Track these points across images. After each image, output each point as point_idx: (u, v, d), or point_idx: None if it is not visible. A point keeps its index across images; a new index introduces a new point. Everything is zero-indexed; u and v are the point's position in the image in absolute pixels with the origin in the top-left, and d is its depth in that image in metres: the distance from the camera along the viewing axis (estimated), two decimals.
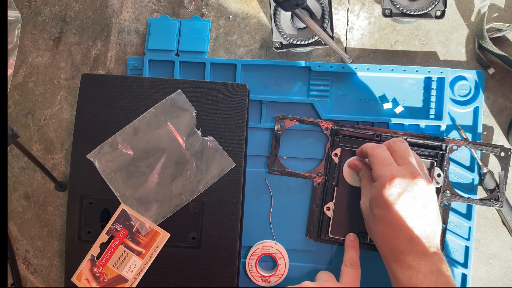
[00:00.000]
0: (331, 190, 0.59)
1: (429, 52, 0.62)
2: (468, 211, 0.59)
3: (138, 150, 0.56)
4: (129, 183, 0.55)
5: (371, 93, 0.61)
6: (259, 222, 0.61)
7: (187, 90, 0.56)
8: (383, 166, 0.49)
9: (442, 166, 0.57)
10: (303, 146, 0.61)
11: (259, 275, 0.59)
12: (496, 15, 0.62)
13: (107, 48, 0.65)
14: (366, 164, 0.54)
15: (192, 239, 0.56)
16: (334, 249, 0.60)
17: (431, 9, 0.57)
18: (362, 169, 0.55)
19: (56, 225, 0.64)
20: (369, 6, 0.63)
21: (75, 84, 0.64)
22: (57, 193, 0.64)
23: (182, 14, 0.64)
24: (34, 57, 0.65)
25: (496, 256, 0.60)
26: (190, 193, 0.55)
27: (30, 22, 0.66)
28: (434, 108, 0.60)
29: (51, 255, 0.64)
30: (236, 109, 0.56)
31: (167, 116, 0.56)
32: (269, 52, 0.63)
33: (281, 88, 0.62)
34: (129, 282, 0.55)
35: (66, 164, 0.64)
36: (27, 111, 0.65)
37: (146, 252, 0.55)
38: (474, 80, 0.60)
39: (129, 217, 0.55)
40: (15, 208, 0.64)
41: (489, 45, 0.58)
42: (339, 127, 0.59)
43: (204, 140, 0.56)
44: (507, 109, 0.61)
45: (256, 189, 0.61)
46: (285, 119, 0.60)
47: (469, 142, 0.57)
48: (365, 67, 0.60)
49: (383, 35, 0.63)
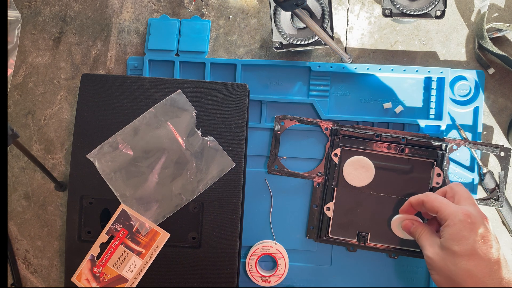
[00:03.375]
0: (331, 190, 0.59)
1: (429, 52, 0.62)
2: None
3: (138, 150, 0.56)
4: (129, 183, 0.55)
5: (371, 93, 0.61)
6: (259, 222, 0.61)
7: (187, 90, 0.56)
8: (449, 205, 0.48)
9: (442, 166, 0.57)
10: (303, 146, 0.61)
11: (259, 275, 0.59)
12: (496, 15, 0.62)
13: (107, 48, 0.65)
14: (420, 222, 0.53)
15: (192, 239, 0.56)
16: (334, 249, 0.60)
17: (431, 9, 0.57)
18: (418, 226, 0.52)
19: (56, 225, 0.64)
20: (369, 6, 0.63)
21: (75, 84, 0.64)
22: (57, 193, 0.64)
23: (182, 14, 0.64)
24: (34, 57, 0.65)
25: None
26: (190, 193, 0.55)
27: (30, 22, 0.66)
28: (434, 108, 0.60)
29: (51, 255, 0.64)
30: (236, 109, 0.56)
31: (167, 116, 0.56)
32: (269, 52, 0.63)
33: (281, 88, 0.62)
34: (129, 282, 0.55)
35: (66, 164, 0.64)
36: (27, 111, 0.65)
37: (146, 252, 0.55)
38: (474, 80, 0.60)
39: (129, 217, 0.55)
40: (15, 208, 0.64)
41: (489, 45, 0.58)
42: (339, 127, 0.59)
43: (204, 140, 0.56)
44: (507, 109, 0.61)
45: (256, 189, 0.61)
46: (285, 119, 0.60)
47: (469, 142, 0.57)
48: (365, 67, 0.60)
49: (383, 35, 0.63)
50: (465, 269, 0.45)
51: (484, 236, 0.45)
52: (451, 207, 0.48)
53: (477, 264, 0.45)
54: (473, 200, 0.49)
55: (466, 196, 0.49)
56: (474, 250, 0.45)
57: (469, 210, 0.47)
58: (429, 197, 0.50)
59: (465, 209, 0.47)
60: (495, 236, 0.46)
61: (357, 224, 0.58)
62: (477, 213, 0.47)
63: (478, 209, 0.48)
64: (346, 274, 0.60)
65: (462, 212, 0.46)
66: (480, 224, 0.46)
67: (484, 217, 0.47)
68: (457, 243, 0.46)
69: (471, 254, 0.45)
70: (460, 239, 0.46)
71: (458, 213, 0.47)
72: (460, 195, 0.50)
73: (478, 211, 0.47)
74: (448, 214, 0.47)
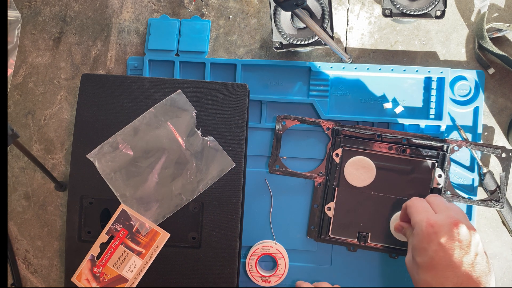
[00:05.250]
0: (332, 190, 0.59)
1: (429, 52, 0.62)
2: (468, 211, 0.59)
3: (138, 150, 0.56)
4: (129, 183, 0.55)
5: (371, 93, 0.61)
6: (259, 222, 0.61)
7: (187, 90, 0.56)
8: (419, 213, 0.48)
9: (443, 167, 0.57)
10: (303, 146, 0.61)
11: (259, 275, 0.59)
12: (496, 15, 0.62)
13: (107, 48, 0.65)
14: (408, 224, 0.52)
15: (192, 239, 0.56)
16: (334, 249, 0.60)
17: (431, 9, 0.57)
18: (407, 228, 0.52)
19: (56, 225, 0.64)
20: (369, 6, 0.63)
21: (75, 84, 0.64)
22: (57, 193, 0.64)
23: (182, 14, 0.64)
24: (34, 57, 0.65)
25: (496, 256, 0.60)
26: (190, 193, 0.55)
27: (30, 22, 0.66)
28: (434, 108, 0.60)
29: (51, 255, 0.64)
30: (236, 109, 0.56)
31: (167, 116, 0.56)
32: (269, 52, 0.63)
33: (281, 88, 0.62)
34: (129, 282, 0.55)
35: (66, 164, 0.64)
36: (27, 111, 0.65)
37: (146, 252, 0.55)
38: (474, 80, 0.60)
39: (129, 217, 0.55)
40: (15, 208, 0.64)
41: (489, 45, 0.58)
42: (340, 127, 0.59)
43: (204, 140, 0.56)
44: (507, 109, 0.61)
45: (256, 189, 0.61)
46: (286, 119, 0.60)
47: (470, 143, 0.57)
48: (365, 67, 0.60)
49: (383, 35, 0.63)
50: (424, 280, 0.45)
51: (445, 245, 0.44)
52: (419, 215, 0.48)
53: (434, 275, 0.45)
54: (444, 206, 0.48)
55: (437, 203, 0.49)
56: (432, 262, 0.45)
57: (436, 219, 0.46)
58: (410, 202, 0.51)
59: (431, 218, 0.46)
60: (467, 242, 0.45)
61: (357, 224, 0.58)
62: (445, 220, 0.46)
63: (448, 215, 0.46)
64: (346, 274, 0.60)
65: (426, 222, 0.46)
66: (443, 233, 0.45)
67: (454, 223, 0.45)
68: (418, 254, 0.46)
69: (429, 265, 0.45)
70: (420, 250, 0.46)
71: (422, 223, 0.47)
72: (435, 205, 0.49)
73: (446, 217, 0.46)
74: (414, 223, 0.48)
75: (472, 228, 0.46)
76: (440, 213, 0.47)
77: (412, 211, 0.50)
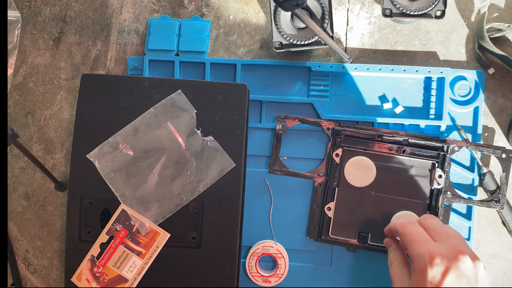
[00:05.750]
0: (332, 190, 0.59)
1: (429, 52, 0.62)
2: (468, 211, 0.59)
3: (138, 150, 0.56)
4: (129, 183, 0.55)
5: (371, 93, 0.61)
6: (259, 222, 0.61)
7: (187, 90, 0.56)
8: (418, 244, 0.44)
9: (443, 167, 0.57)
10: (303, 146, 0.61)
11: (259, 275, 0.59)
12: (496, 15, 0.62)
13: (107, 48, 0.65)
14: (397, 244, 0.50)
15: (192, 239, 0.56)
16: (334, 249, 0.60)
17: (431, 9, 0.57)
18: (392, 250, 0.49)
19: (56, 225, 0.64)
20: (369, 6, 0.63)
21: (75, 84, 0.64)
22: (57, 193, 0.64)
23: (182, 14, 0.64)
24: (34, 57, 0.65)
25: (496, 256, 0.60)
26: (190, 193, 0.55)
27: (30, 22, 0.66)
28: (434, 108, 0.60)
29: (51, 255, 0.64)
30: (236, 109, 0.56)
31: (167, 116, 0.56)
32: (269, 52, 0.63)
33: (281, 88, 0.62)
34: (129, 282, 0.55)
35: (66, 164, 0.64)
36: (27, 111, 0.65)
37: (146, 252, 0.55)
38: (474, 80, 0.60)
39: (129, 217, 0.55)
40: (15, 208, 0.64)
41: (489, 45, 0.58)
42: (340, 127, 0.59)
43: (204, 140, 0.56)
44: (507, 109, 0.61)
45: (256, 189, 0.61)
46: (286, 118, 0.60)
47: (471, 144, 0.57)
48: (365, 67, 0.60)
49: (383, 35, 0.63)
50: None
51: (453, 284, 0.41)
52: (419, 247, 0.44)
53: None
54: (444, 234, 0.45)
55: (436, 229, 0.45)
56: None
57: (438, 251, 0.43)
58: (405, 230, 0.46)
59: (433, 251, 0.43)
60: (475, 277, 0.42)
61: (358, 224, 0.58)
62: (448, 252, 0.43)
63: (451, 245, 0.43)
64: (346, 274, 0.60)
65: (429, 255, 0.42)
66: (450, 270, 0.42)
67: (458, 254, 0.42)
68: None
69: None
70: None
71: (424, 256, 0.43)
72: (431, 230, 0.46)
73: (449, 248, 0.43)
74: (414, 255, 0.44)
75: (475, 258, 0.43)
76: (441, 243, 0.44)
77: (408, 240, 0.45)
